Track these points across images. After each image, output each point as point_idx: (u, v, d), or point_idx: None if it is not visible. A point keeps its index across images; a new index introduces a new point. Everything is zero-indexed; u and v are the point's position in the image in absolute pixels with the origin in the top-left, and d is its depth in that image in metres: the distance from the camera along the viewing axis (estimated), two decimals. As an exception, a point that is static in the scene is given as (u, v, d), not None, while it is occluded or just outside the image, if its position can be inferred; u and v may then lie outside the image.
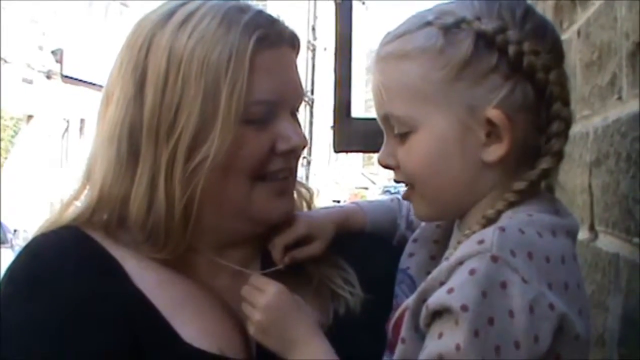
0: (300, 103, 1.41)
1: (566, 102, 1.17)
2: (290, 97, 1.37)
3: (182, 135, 1.29)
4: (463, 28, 1.16)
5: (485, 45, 1.15)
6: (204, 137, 1.28)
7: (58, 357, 1.22)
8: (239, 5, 1.35)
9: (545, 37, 1.19)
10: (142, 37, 1.33)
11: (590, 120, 1.66)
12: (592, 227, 1.65)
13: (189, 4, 1.34)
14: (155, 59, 1.31)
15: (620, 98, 1.45)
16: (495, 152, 1.16)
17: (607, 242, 1.53)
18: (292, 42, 1.39)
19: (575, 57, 1.79)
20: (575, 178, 1.78)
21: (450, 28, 1.16)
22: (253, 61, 1.30)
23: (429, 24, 1.18)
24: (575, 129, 1.78)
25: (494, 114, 1.14)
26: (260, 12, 1.35)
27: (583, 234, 1.70)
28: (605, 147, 1.52)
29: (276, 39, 1.34)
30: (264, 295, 1.31)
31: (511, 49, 1.14)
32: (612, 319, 1.47)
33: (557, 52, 1.20)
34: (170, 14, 1.33)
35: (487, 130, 1.15)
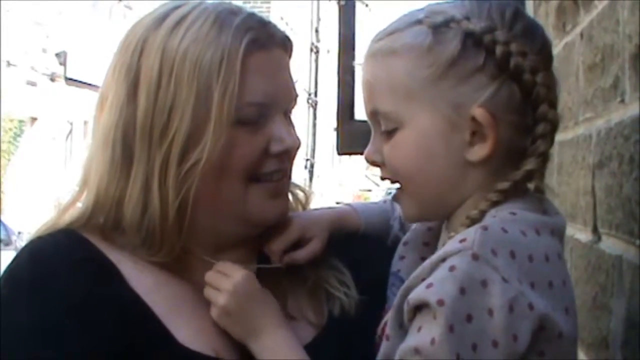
0: (294, 105, 1.42)
1: (553, 105, 1.18)
2: (283, 98, 1.38)
3: (175, 137, 1.29)
4: (452, 27, 1.17)
5: (473, 44, 1.16)
6: (196, 140, 1.29)
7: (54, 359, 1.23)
8: (231, 8, 1.35)
9: (534, 39, 1.19)
10: (135, 40, 1.34)
11: (593, 123, 1.66)
12: (595, 229, 1.65)
13: (182, 7, 1.34)
14: (147, 62, 1.31)
15: (623, 101, 1.45)
16: (479, 151, 1.16)
17: (611, 244, 1.53)
18: (284, 44, 1.39)
19: (578, 59, 1.79)
20: (578, 180, 1.78)
21: (439, 27, 1.17)
22: (245, 63, 1.31)
23: (418, 22, 1.19)
24: (578, 131, 1.78)
25: (478, 112, 1.15)
26: (252, 15, 1.36)
27: (586, 236, 1.70)
28: (608, 150, 1.52)
29: (267, 41, 1.35)
30: (230, 280, 1.31)
31: (498, 49, 1.15)
32: (615, 321, 1.47)
33: (545, 54, 1.20)
34: (164, 17, 1.34)
35: (472, 129, 1.16)
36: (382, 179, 1.25)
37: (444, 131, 1.17)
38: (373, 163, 1.24)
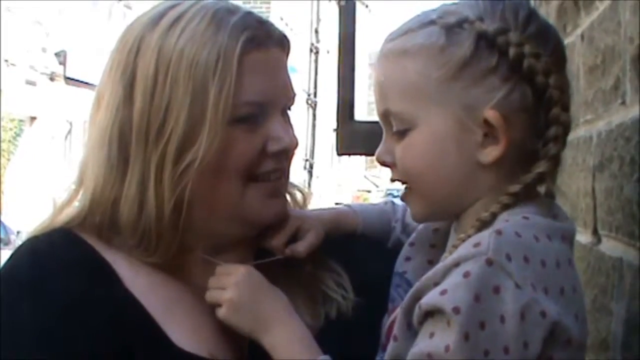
0: (292, 103, 1.41)
1: (565, 107, 1.17)
2: (280, 97, 1.37)
3: (171, 137, 1.29)
4: (465, 28, 1.16)
5: (486, 45, 1.15)
6: (192, 139, 1.28)
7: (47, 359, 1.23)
8: (228, 7, 1.35)
9: (548, 41, 1.18)
10: (131, 39, 1.34)
11: (593, 125, 1.66)
12: (595, 231, 1.64)
13: (179, 6, 1.34)
14: (144, 61, 1.31)
15: (624, 102, 1.44)
16: (491, 153, 1.16)
17: (611, 246, 1.53)
18: (281, 43, 1.38)
19: (578, 60, 1.79)
20: (578, 182, 1.77)
21: (453, 27, 1.16)
22: (241, 62, 1.30)
23: (432, 22, 1.18)
24: (579, 133, 1.78)
25: (490, 114, 1.14)
26: (249, 14, 1.35)
27: (586, 238, 1.70)
28: (609, 152, 1.52)
29: (265, 40, 1.34)
30: (233, 276, 1.30)
31: (512, 51, 1.14)
32: (615, 323, 1.47)
33: (558, 56, 1.20)
34: (160, 16, 1.33)
35: (484, 131, 1.15)
36: (393, 180, 1.24)
37: (456, 132, 1.16)
38: (384, 164, 1.23)
